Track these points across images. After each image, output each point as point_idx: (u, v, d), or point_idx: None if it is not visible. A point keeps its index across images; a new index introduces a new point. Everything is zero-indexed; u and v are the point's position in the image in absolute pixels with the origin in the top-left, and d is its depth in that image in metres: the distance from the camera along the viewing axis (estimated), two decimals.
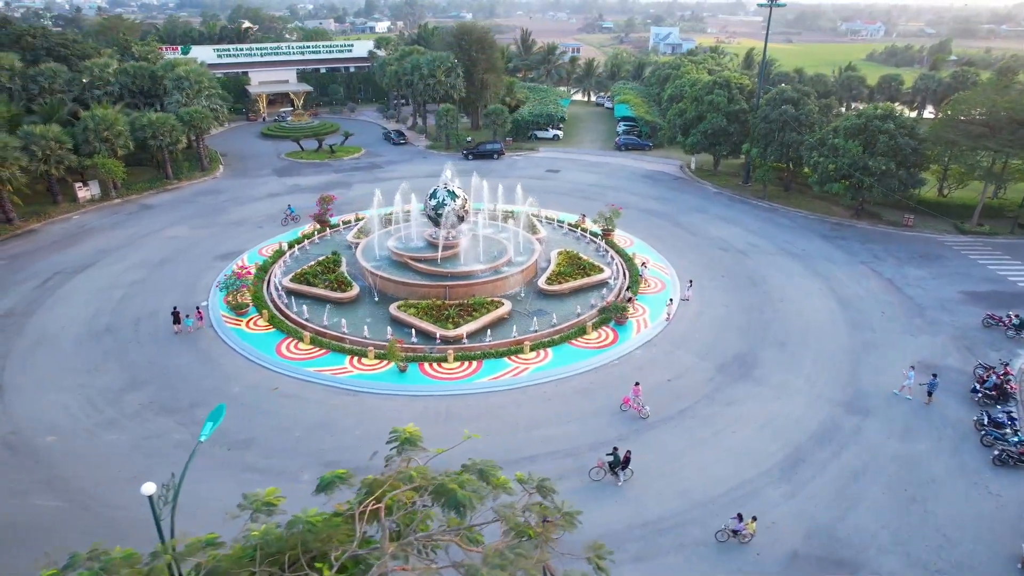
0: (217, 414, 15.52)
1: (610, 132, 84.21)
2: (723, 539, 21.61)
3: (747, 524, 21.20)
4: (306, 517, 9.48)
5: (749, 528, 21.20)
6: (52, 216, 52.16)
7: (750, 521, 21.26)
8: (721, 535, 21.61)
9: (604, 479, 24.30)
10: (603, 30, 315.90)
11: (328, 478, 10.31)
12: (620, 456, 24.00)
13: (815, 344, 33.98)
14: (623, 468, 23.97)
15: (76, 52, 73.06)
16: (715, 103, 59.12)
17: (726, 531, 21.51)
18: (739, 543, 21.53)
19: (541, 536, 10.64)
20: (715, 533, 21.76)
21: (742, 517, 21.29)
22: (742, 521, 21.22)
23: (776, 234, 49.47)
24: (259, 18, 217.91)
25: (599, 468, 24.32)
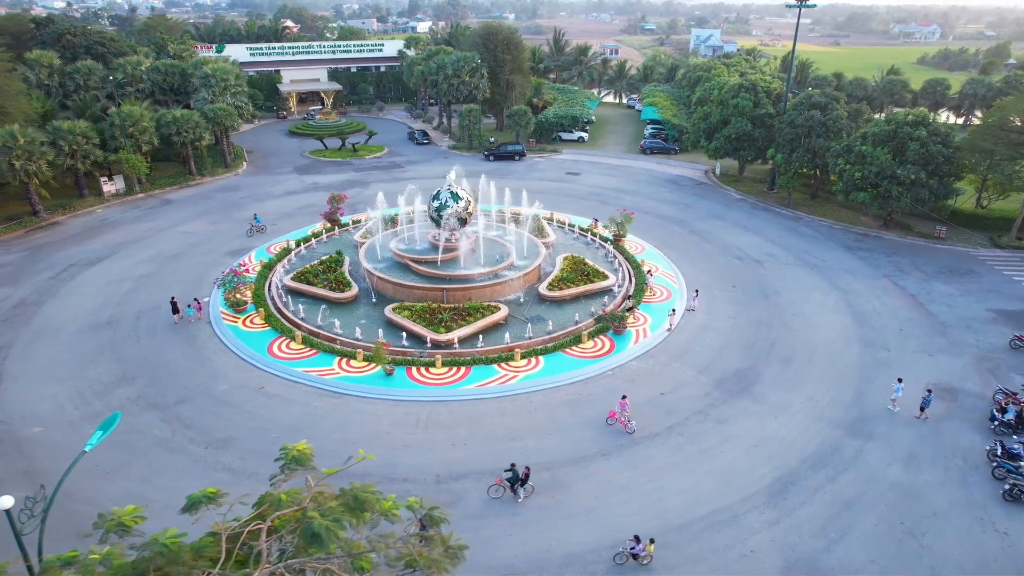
0: (109, 422, 15.19)
1: (638, 135, 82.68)
2: (621, 562, 20.63)
3: (646, 546, 20.30)
4: (164, 539, 8.92)
5: (648, 550, 20.31)
6: (77, 209, 53.56)
7: (648, 543, 20.36)
8: (620, 558, 20.65)
9: (503, 496, 23.36)
10: (645, 32, 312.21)
11: (196, 497, 9.72)
12: (519, 472, 23.04)
13: (822, 361, 32.35)
14: (522, 484, 23.09)
15: (112, 50, 75.22)
16: (740, 107, 57.29)
17: (625, 554, 20.55)
18: (640, 565, 20.50)
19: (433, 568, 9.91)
20: (614, 556, 20.78)
21: (639, 539, 20.43)
22: (640, 543, 20.33)
23: (796, 244, 47.55)
24: (302, 17, 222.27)
25: (498, 485, 23.42)
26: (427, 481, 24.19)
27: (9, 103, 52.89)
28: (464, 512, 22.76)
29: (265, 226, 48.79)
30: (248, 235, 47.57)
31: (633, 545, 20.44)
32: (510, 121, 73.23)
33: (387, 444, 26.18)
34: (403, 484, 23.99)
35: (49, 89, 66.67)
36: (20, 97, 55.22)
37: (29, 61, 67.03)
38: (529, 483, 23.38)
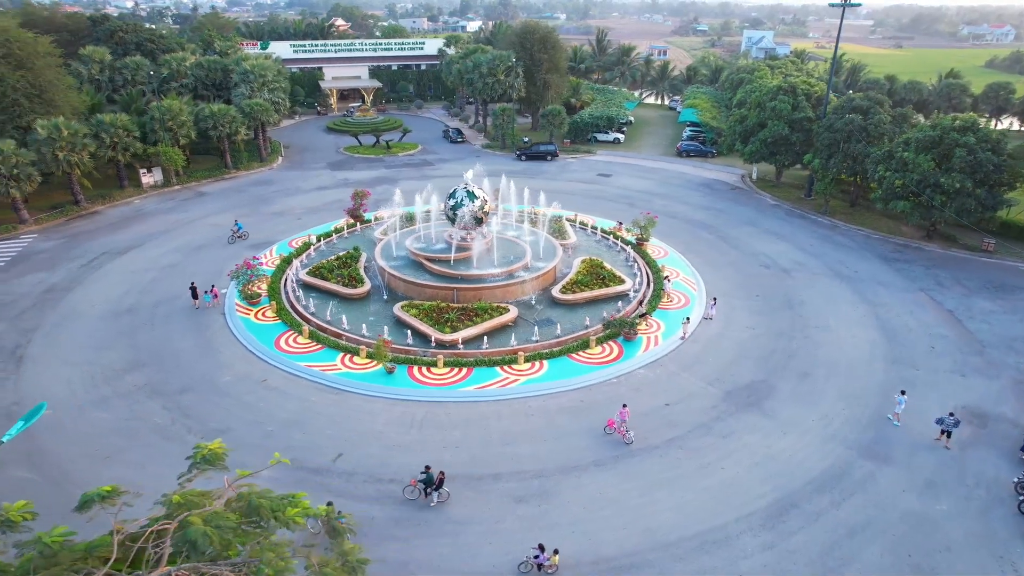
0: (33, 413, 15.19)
1: (676, 138, 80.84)
2: (525, 571, 20.04)
3: (551, 557, 19.68)
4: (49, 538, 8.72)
5: (553, 561, 19.72)
6: (116, 199, 55.39)
7: (553, 554, 19.72)
8: (524, 567, 20.07)
9: (418, 499, 22.93)
10: (697, 33, 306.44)
11: (89, 496, 9.49)
12: (433, 476, 22.58)
13: (842, 378, 30.71)
14: (436, 489, 22.61)
15: (161, 47, 77.70)
16: (778, 110, 55.24)
17: (529, 562, 19.95)
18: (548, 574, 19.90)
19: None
20: (518, 565, 20.19)
21: (543, 548, 19.70)
22: (544, 552, 19.66)
23: (829, 253, 45.49)
24: (352, 15, 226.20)
25: (412, 487, 22.95)
26: None
27: (58, 97, 55.04)
28: (445, 517, 22.35)
29: (247, 233, 46.82)
30: (229, 242, 45.72)
31: (537, 554, 19.75)
32: (543, 121, 72.59)
33: (380, 443, 25.97)
34: (388, 485, 23.74)
35: (99, 84, 69.27)
36: (69, 91, 57.45)
37: (83, 57, 69.79)
38: (444, 489, 22.87)
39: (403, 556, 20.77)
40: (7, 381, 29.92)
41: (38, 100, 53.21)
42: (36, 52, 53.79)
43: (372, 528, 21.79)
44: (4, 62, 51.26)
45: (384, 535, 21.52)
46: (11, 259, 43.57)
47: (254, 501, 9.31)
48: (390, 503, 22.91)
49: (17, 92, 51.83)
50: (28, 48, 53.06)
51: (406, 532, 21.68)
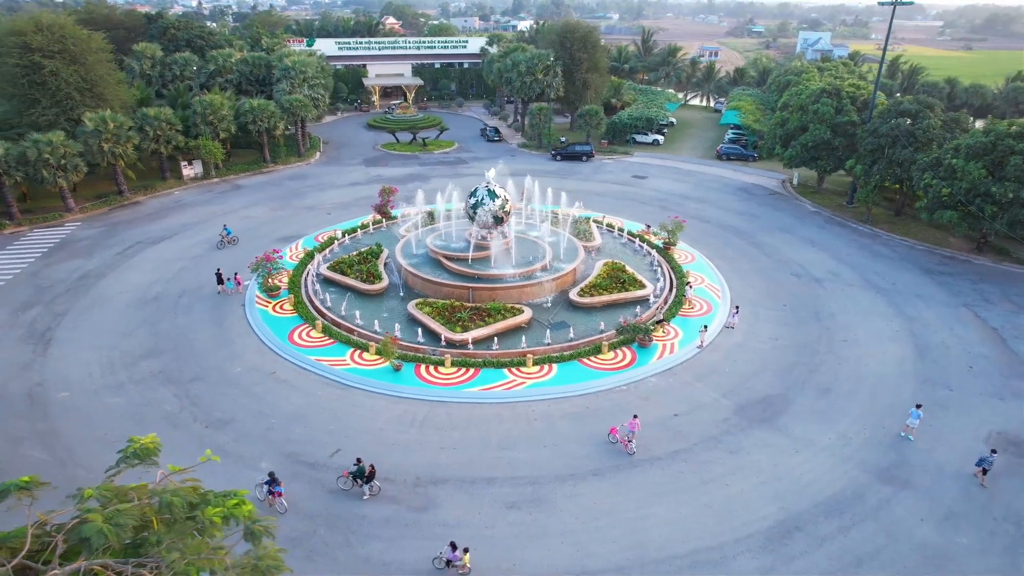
0: None
1: (717, 140, 78.78)
2: (440, 567, 19.93)
3: (462, 556, 19.47)
4: None
5: (464, 560, 19.50)
6: (157, 191, 57.18)
7: (463, 553, 19.47)
8: (437, 562, 19.99)
9: (352, 489, 23.00)
10: (752, 34, 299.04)
11: (7, 485, 9.44)
12: (365, 468, 22.64)
13: (866, 395, 29.14)
14: (367, 481, 22.64)
15: (210, 43, 79.95)
16: (820, 113, 53.07)
17: (441, 559, 19.86)
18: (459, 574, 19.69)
19: None
20: (432, 560, 20.12)
21: (455, 546, 19.53)
22: (455, 551, 19.48)
23: (867, 263, 43.41)
24: (404, 14, 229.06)
25: (345, 478, 23.03)
26: (405, 482, 23.64)
27: (108, 91, 57.17)
28: (434, 519, 22.05)
29: (237, 238, 45.32)
30: (218, 247, 44.29)
31: (449, 552, 19.56)
32: (580, 121, 71.71)
33: (378, 440, 25.87)
34: (381, 483, 23.55)
35: (150, 79, 71.73)
36: (119, 86, 59.65)
37: (135, 53, 72.40)
38: (376, 483, 22.94)
39: (387, 556, 20.56)
40: (33, 363, 31.05)
41: (89, 94, 55.32)
42: (89, 48, 55.93)
43: (360, 526, 21.69)
44: (59, 57, 53.42)
45: (371, 534, 21.37)
46: (55, 245, 45.37)
47: (165, 499, 9.13)
48: (381, 501, 22.74)
49: (70, 86, 54.00)
50: (82, 44, 55.19)
51: (393, 532, 21.47)
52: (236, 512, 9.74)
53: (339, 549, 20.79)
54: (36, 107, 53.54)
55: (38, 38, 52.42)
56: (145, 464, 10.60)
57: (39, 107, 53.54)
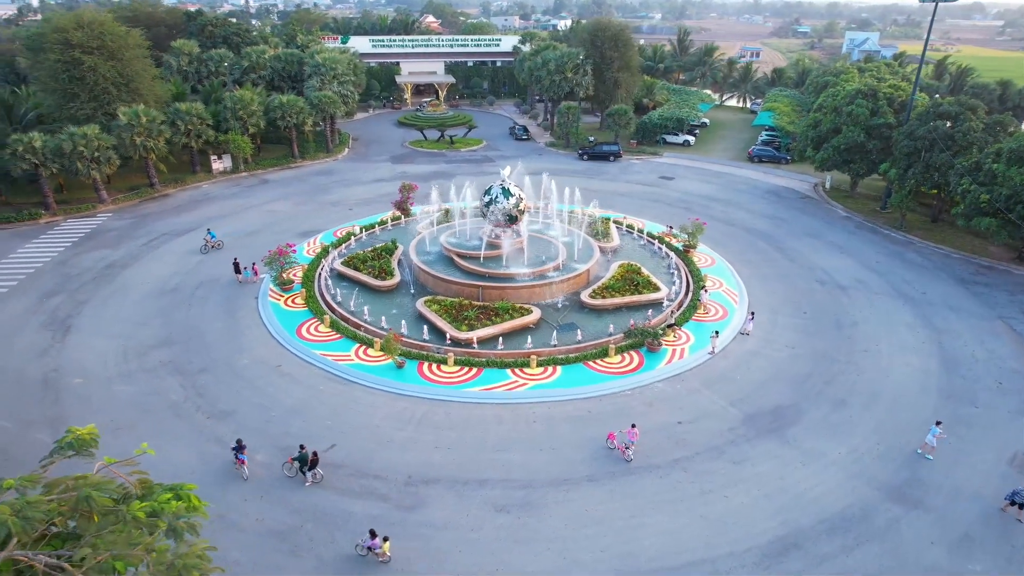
0: None
1: (751, 142, 76.81)
2: (363, 553, 20.10)
3: (381, 544, 19.73)
4: None
5: (384, 548, 19.75)
6: (187, 184, 58.42)
7: (383, 541, 19.74)
8: (360, 549, 20.16)
9: (296, 476, 23.36)
10: (798, 35, 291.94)
11: None
12: (307, 455, 22.95)
13: (883, 409, 27.85)
14: (310, 468, 22.91)
15: (246, 40, 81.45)
16: (854, 115, 51.20)
17: (362, 546, 20.06)
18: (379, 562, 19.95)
19: None
20: (354, 546, 20.36)
21: (375, 534, 19.73)
22: (375, 538, 19.66)
23: (897, 271, 41.67)
24: (444, 13, 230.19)
25: (289, 464, 23.53)
26: (396, 480, 23.45)
27: (143, 86, 58.62)
28: (421, 519, 21.80)
29: (222, 242, 44.00)
30: (202, 251, 43.27)
31: (368, 540, 19.73)
32: (609, 120, 70.83)
33: (373, 437, 25.76)
34: (372, 480, 23.46)
35: (187, 74, 73.39)
36: (155, 81, 61.14)
37: (174, 49, 74.18)
38: (318, 470, 23.10)
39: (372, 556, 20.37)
40: (51, 349, 31.89)
41: (125, 89, 56.77)
42: (126, 44, 57.40)
43: (347, 523, 21.57)
44: (98, 53, 54.96)
45: (357, 531, 21.20)
46: (85, 235, 46.69)
47: (84, 492, 9.00)
48: (370, 499, 22.60)
49: (107, 81, 55.49)
50: (119, 41, 56.65)
51: (379, 530, 21.22)
52: (167, 507, 9.57)
53: (323, 546, 20.70)
54: (75, 101, 55.17)
55: (78, 34, 54.00)
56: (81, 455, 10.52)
57: (78, 101, 55.16)
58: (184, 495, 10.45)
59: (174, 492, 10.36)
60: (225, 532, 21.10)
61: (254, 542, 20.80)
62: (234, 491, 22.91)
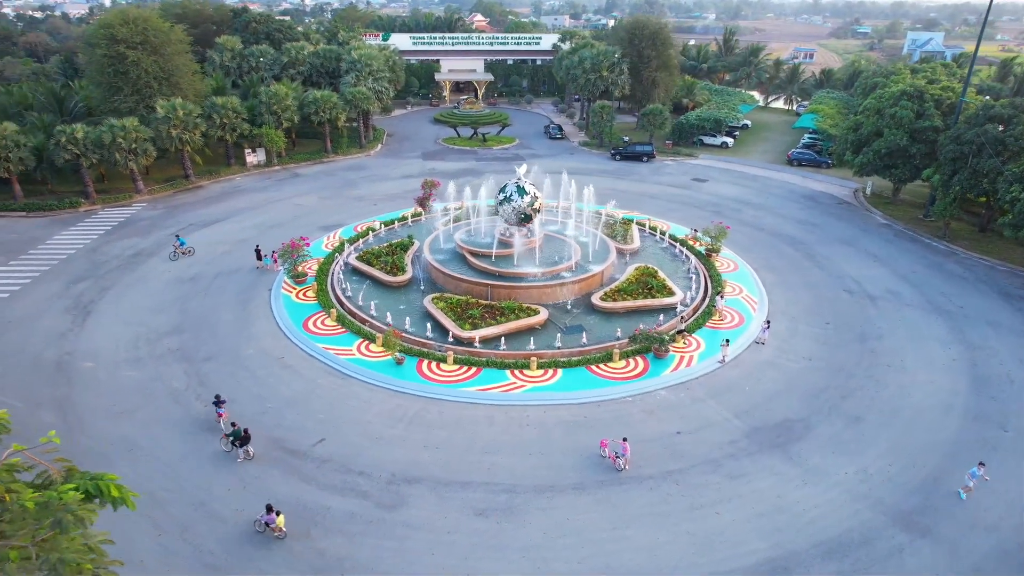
0: None
1: (793, 145, 74.10)
2: (260, 530, 20.52)
3: (276, 519, 20.17)
4: None
5: (278, 523, 20.21)
6: (220, 176, 59.80)
7: (277, 516, 20.20)
8: (258, 524, 20.63)
9: (232, 452, 24.10)
10: (857, 35, 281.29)
11: None
12: (240, 431, 23.81)
13: (901, 428, 26.20)
14: (241, 445, 23.73)
15: (288, 36, 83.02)
16: (898, 117, 48.65)
17: (260, 522, 20.53)
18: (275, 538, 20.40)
19: None
20: (253, 522, 20.87)
21: (271, 508, 20.24)
22: (271, 513, 20.14)
23: (933, 282, 39.37)
24: (492, 12, 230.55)
25: (225, 440, 24.25)
26: (380, 478, 23.21)
27: (183, 80, 60.31)
28: (399, 519, 21.49)
29: (192, 249, 42.40)
30: (171, 258, 41.38)
31: (265, 515, 20.21)
32: (643, 120, 69.36)
33: (362, 433, 25.61)
34: (356, 477, 23.29)
35: (228, 69, 75.21)
36: (195, 76, 62.82)
37: (218, 45, 76.18)
38: (249, 447, 23.85)
39: (343, 552, 20.19)
40: (69, 332, 32.90)
41: (166, 83, 58.46)
42: (169, 40, 59.12)
43: (323, 519, 21.43)
44: (141, 48, 56.74)
45: (332, 527, 21.07)
46: (118, 224, 48.20)
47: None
48: (350, 495, 22.42)
49: (149, 75, 57.25)
50: (162, 36, 58.37)
51: (355, 528, 21.08)
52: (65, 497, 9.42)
53: (298, 540, 20.59)
54: (119, 94, 57.08)
55: (123, 30, 55.83)
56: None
57: (121, 94, 57.06)
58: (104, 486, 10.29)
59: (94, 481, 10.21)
60: (204, 521, 21.25)
61: (231, 533, 20.84)
62: (220, 481, 23.05)
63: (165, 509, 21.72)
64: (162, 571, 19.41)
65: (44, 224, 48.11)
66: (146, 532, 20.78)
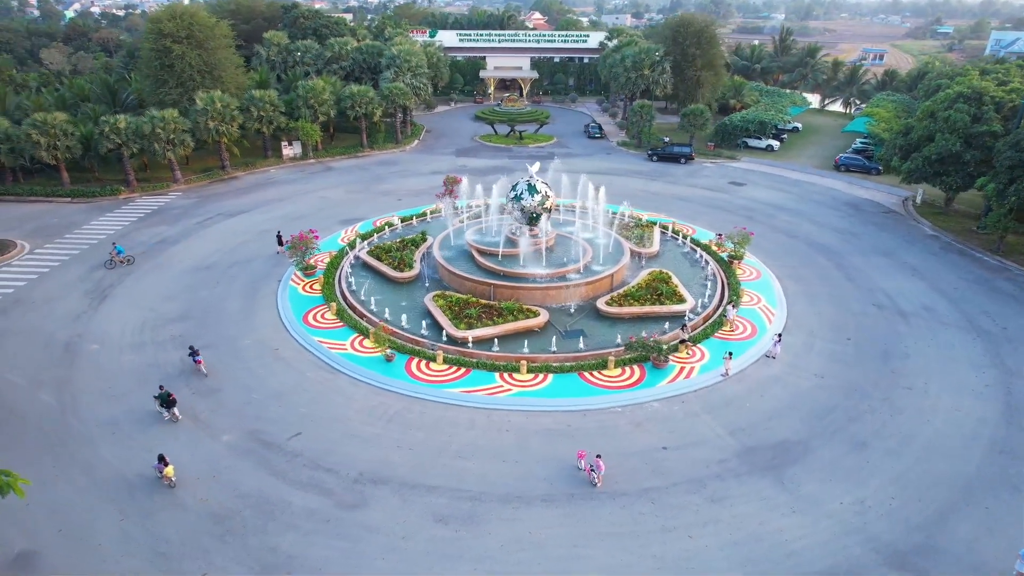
0: None
1: (843, 150, 70.37)
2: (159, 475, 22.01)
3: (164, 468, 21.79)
4: None
5: (167, 472, 21.78)
6: (256, 168, 61.14)
7: (165, 466, 21.80)
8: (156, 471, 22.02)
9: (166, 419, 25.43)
10: (937, 35, 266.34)
11: None
12: (166, 395, 25.23)
13: (913, 458, 24.05)
14: (168, 407, 25.24)
15: (334, 32, 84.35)
16: (952, 121, 45.24)
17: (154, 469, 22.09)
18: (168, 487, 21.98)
19: None
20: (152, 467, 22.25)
21: (162, 458, 21.90)
22: (161, 462, 21.80)
23: (977, 299, 36.33)
24: (550, 10, 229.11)
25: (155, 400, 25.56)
26: (347, 476, 22.82)
27: (226, 74, 61.99)
28: (357, 520, 21.02)
29: (131, 257, 40.46)
30: (107, 267, 39.52)
31: (157, 464, 21.91)
32: (684, 121, 67.16)
33: (339, 429, 25.31)
34: (323, 474, 22.98)
35: (274, 64, 76.97)
36: (237, 70, 64.46)
37: (265, 40, 78.06)
38: (175, 409, 25.42)
39: (295, 550, 19.85)
40: (83, 315, 33.97)
41: (208, 76, 60.21)
42: (213, 35, 60.85)
43: (283, 514, 21.18)
44: (186, 42, 58.59)
45: (290, 523, 20.78)
46: (151, 212, 49.81)
47: None
48: (314, 492, 22.10)
49: (192, 69, 59.07)
50: (206, 31, 60.14)
51: (311, 525, 20.73)
52: None
53: (254, 535, 20.39)
54: (164, 87, 59.14)
55: (169, 25, 57.78)
56: None
57: (166, 87, 59.10)
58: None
59: None
60: (167, 510, 21.33)
61: (191, 522, 20.83)
62: (192, 469, 23.13)
63: (133, 494, 21.93)
64: (116, 556, 19.53)
65: (85, 210, 50.14)
66: (111, 516, 21.02)
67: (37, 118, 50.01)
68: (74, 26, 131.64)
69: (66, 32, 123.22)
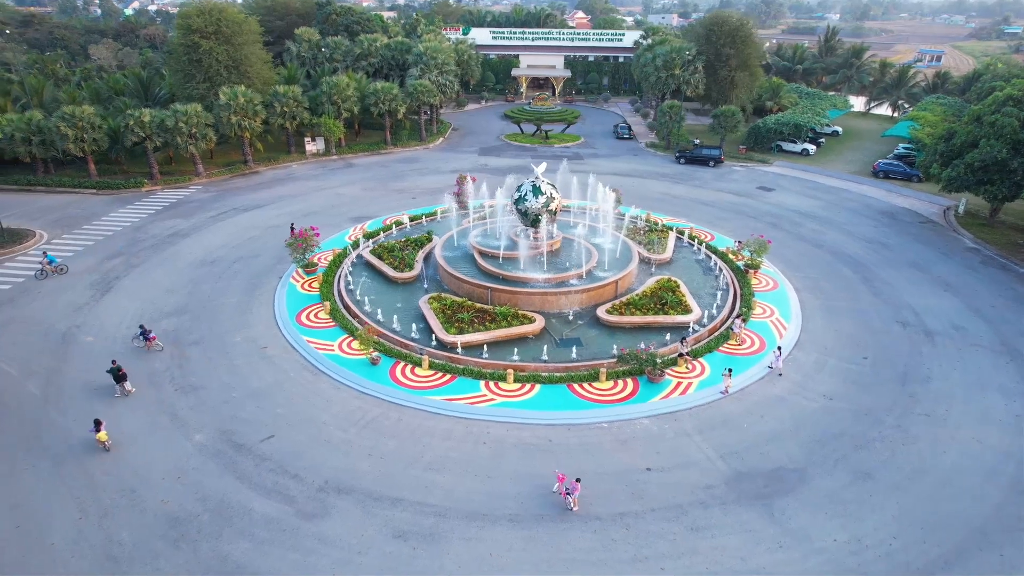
0: None
1: (886, 155, 66.86)
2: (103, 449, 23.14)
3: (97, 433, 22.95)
4: None
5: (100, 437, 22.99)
6: (278, 163, 61.42)
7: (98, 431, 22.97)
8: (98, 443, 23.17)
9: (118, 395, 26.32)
10: (1004, 36, 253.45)
11: None
12: (117, 369, 26.11)
13: (922, 493, 22.01)
14: (119, 381, 26.12)
15: (366, 28, 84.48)
16: (998, 125, 42.11)
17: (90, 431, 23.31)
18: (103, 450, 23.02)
19: None
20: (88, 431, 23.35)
21: (98, 423, 23.06)
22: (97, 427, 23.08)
23: (1017, 319, 33.52)
24: (593, 9, 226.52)
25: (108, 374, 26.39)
26: (312, 484, 22.06)
27: (252, 70, 62.45)
28: (314, 531, 20.20)
29: (65, 266, 38.30)
30: (37, 276, 37.23)
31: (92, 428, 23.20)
32: (714, 122, 64.80)
33: (313, 433, 24.62)
34: (288, 480, 22.28)
35: (304, 60, 77.42)
36: (264, 65, 64.90)
37: (296, 37, 78.60)
38: (127, 383, 26.31)
39: (245, 559, 19.16)
40: (86, 305, 34.23)
41: (235, 71, 60.76)
42: (240, 31, 61.34)
43: (240, 520, 20.54)
44: (214, 38, 59.20)
45: (245, 531, 20.12)
46: (169, 204, 50.36)
47: None
48: (276, 499, 21.41)
49: (219, 64, 59.68)
50: (234, 27, 60.63)
51: (267, 534, 20.02)
52: None
53: (208, 540, 19.79)
54: (192, 81, 59.90)
55: (198, 20, 58.47)
56: None
57: (194, 81, 59.84)
58: None
59: None
60: (127, 510, 20.94)
61: (148, 524, 20.37)
62: (158, 468, 22.76)
63: (96, 493, 21.61)
64: (66, 557, 19.17)
65: (108, 202, 51.01)
66: (69, 514, 20.72)
67: (66, 111, 51.08)
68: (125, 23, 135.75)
69: (116, 29, 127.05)
